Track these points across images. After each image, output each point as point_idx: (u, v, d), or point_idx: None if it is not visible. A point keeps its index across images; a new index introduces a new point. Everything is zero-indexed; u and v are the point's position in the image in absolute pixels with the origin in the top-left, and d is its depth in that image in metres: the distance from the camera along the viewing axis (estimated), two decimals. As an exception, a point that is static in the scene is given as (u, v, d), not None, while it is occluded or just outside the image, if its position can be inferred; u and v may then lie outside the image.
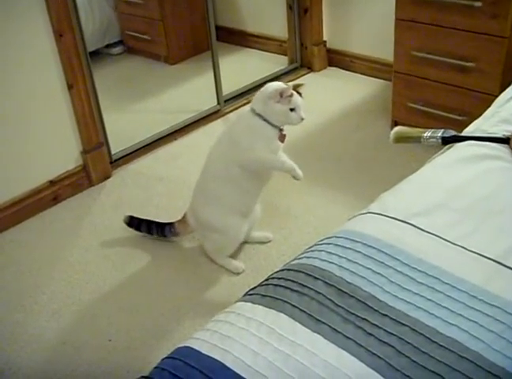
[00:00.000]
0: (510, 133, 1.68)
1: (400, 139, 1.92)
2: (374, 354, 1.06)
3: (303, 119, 2.06)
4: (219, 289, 2.22)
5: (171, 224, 2.38)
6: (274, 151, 2.10)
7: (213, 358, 1.09)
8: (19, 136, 2.61)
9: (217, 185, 2.19)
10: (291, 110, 2.03)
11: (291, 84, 2.09)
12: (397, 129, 1.94)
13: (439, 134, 1.80)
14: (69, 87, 2.67)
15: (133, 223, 2.45)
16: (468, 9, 2.51)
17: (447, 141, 1.78)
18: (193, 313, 2.11)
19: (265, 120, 2.05)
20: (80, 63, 2.68)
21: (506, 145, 1.66)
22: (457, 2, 2.53)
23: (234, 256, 2.33)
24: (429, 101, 2.85)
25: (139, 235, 2.50)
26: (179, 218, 2.38)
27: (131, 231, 2.51)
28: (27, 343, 2.06)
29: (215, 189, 2.20)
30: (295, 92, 2.03)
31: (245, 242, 2.37)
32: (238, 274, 2.26)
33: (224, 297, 2.15)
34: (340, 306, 1.16)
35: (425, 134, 1.83)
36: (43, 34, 2.53)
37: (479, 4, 2.46)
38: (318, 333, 1.11)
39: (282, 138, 2.11)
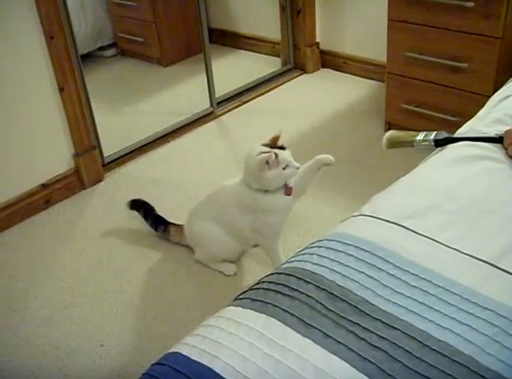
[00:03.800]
0: (502, 133, 1.67)
1: (393, 144, 1.90)
2: (366, 358, 1.04)
3: (298, 168, 1.99)
4: (212, 292, 2.20)
5: (166, 225, 2.39)
6: (287, 213, 2.11)
7: (202, 364, 1.07)
8: (10, 139, 2.59)
9: (221, 232, 2.20)
10: (284, 168, 1.95)
11: (268, 140, 2.00)
12: (389, 134, 1.92)
13: (432, 137, 1.79)
14: (61, 89, 2.66)
15: (136, 204, 2.46)
16: (461, 10, 2.51)
17: (440, 144, 1.77)
18: (185, 317, 2.10)
19: (266, 191, 2.01)
20: (72, 66, 2.67)
21: (500, 145, 1.65)
22: (450, 3, 2.53)
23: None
24: (422, 102, 2.84)
25: (131, 239, 2.49)
26: (177, 223, 2.38)
27: (123, 235, 2.50)
28: (18, 348, 2.04)
29: (219, 231, 2.21)
30: (278, 151, 1.93)
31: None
32: (230, 276, 2.26)
33: (217, 300, 2.14)
34: (331, 310, 1.15)
35: (417, 138, 1.81)
36: (33, 36, 2.51)
37: (471, 4, 2.46)
38: (309, 338, 1.10)
39: (288, 192, 2.05)
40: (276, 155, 1.91)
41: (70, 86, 2.69)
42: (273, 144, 1.97)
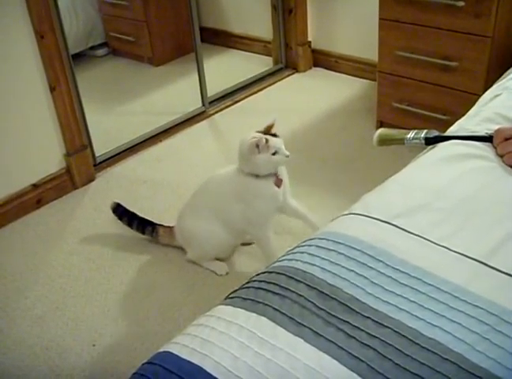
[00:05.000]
0: (492, 132, 1.67)
1: (384, 142, 1.91)
2: (356, 357, 1.04)
3: (287, 156, 2.04)
4: (204, 291, 2.20)
5: (154, 227, 2.37)
6: (276, 204, 2.12)
7: (193, 363, 1.07)
8: (0, 139, 2.58)
9: (215, 226, 2.20)
10: (274, 154, 2.01)
11: (262, 128, 2.05)
12: (380, 131, 1.92)
13: (422, 135, 1.78)
14: (52, 89, 2.65)
15: (118, 210, 2.42)
16: (452, 9, 2.51)
17: (430, 142, 1.77)
18: (178, 316, 2.10)
19: (257, 176, 2.05)
20: (63, 65, 2.66)
21: (489, 143, 1.66)
22: (441, 2, 2.53)
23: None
24: (413, 101, 2.85)
25: (123, 239, 2.48)
26: (166, 225, 2.37)
27: (115, 235, 2.49)
28: (9, 349, 2.03)
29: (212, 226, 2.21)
30: (269, 137, 2.00)
31: (230, 244, 2.36)
32: (222, 276, 2.26)
33: (208, 300, 2.13)
34: (321, 309, 1.15)
35: (408, 136, 1.81)
36: (23, 35, 2.51)
37: (462, 3, 2.46)
38: (300, 337, 1.10)
39: (278, 183, 2.10)
40: (267, 140, 1.99)
41: (61, 85, 2.68)
42: (267, 131, 2.05)
